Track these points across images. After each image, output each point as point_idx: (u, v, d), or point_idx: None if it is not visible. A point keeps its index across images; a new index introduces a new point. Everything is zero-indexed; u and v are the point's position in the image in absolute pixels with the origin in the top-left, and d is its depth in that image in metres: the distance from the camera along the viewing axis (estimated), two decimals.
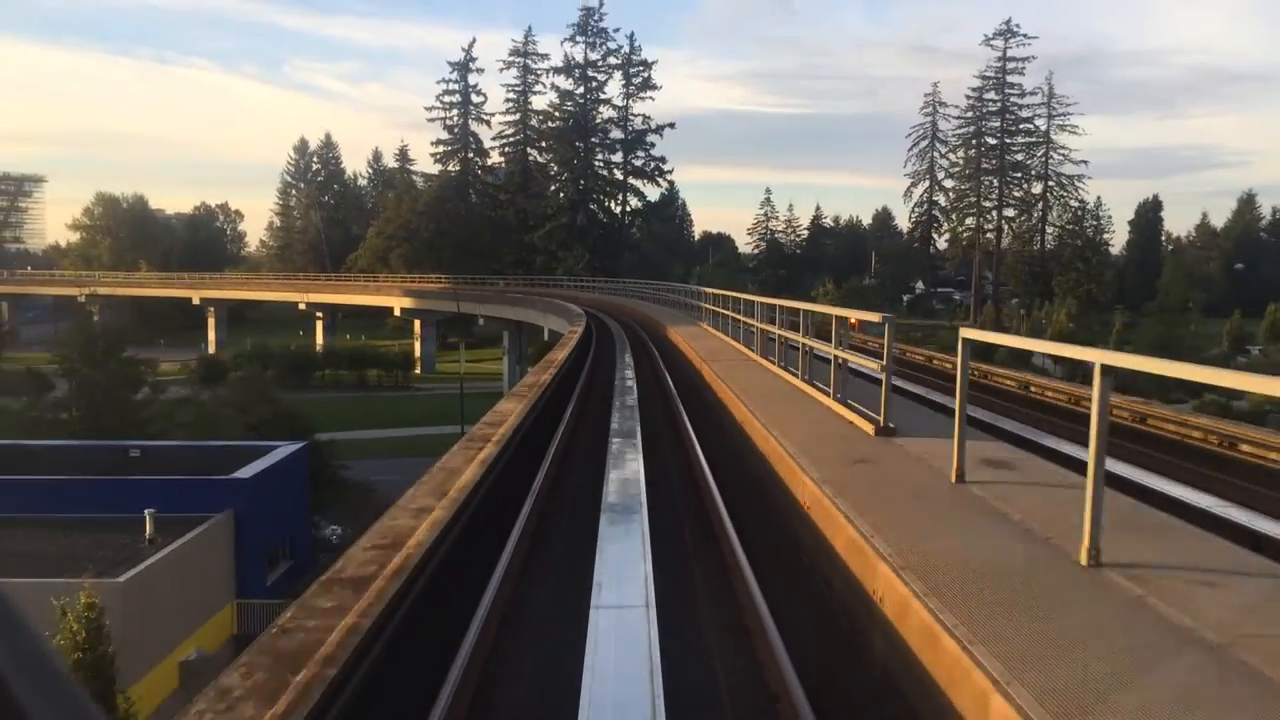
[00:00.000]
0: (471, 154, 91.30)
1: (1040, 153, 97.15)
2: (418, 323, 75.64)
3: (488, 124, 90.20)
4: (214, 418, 30.91)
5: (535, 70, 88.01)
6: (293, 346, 76.36)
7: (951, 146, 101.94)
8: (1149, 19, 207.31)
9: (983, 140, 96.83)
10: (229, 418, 30.67)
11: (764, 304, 13.70)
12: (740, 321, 16.11)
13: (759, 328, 13.59)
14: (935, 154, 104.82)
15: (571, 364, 15.93)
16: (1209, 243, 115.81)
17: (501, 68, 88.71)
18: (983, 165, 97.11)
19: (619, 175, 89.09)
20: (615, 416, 10.07)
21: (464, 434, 8.97)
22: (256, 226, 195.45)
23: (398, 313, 77.05)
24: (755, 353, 13.66)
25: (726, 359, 14.23)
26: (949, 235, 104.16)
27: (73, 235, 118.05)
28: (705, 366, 13.45)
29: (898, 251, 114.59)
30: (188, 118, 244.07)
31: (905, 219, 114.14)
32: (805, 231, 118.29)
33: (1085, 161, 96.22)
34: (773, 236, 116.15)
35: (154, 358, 45.36)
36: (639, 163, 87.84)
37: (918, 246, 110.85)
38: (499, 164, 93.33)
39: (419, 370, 73.77)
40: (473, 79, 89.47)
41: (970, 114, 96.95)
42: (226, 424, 30.27)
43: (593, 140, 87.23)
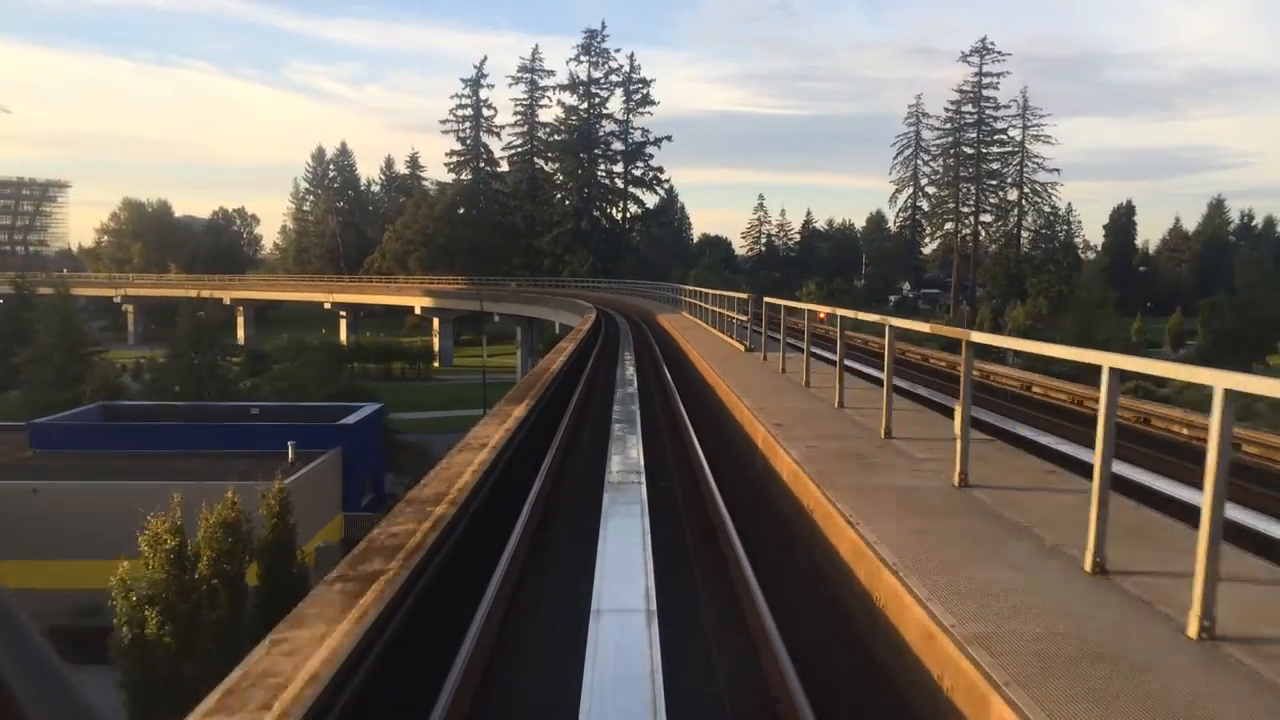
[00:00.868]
0: (483, 164, 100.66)
1: (1016, 161, 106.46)
2: (436, 320, 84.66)
3: (497, 136, 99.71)
4: (300, 388, 40.15)
5: (542, 86, 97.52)
6: (316, 344, 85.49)
7: (933, 155, 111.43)
8: (1148, 21, 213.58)
9: (960, 150, 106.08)
10: (310, 389, 39.88)
11: (713, 294, 22.78)
12: (701, 307, 25.23)
13: (708, 309, 22.69)
14: (919, 162, 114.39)
15: (591, 328, 25.12)
16: (1180, 245, 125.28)
17: (510, 83, 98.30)
18: (961, 173, 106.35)
19: (620, 184, 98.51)
20: (622, 344, 19.16)
21: (487, 412, 17.84)
22: (263, 229, 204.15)
23: (418, 311, 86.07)
24: (705, 323, 22.75)
25: (688, 327, 23.32)
26: (930, 239, 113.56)
27: (86, 238, 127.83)
28: (674, 331, 22.55)
29: (885, 254, 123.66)
30: (188, 119, 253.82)
31: (894, 222, 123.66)
32: (797, 235, 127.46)
33: (1058, 169, 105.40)
34: (769, 240, 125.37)
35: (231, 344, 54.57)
36: (638, 173, 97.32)
37: (903, 249, 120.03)
38: (507, 172, 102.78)
39: (437, 364, 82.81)
40: (483, 94, 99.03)
41: (949, 125, 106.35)
42: (309, 394, 39.43)
43: (596, 152, 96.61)
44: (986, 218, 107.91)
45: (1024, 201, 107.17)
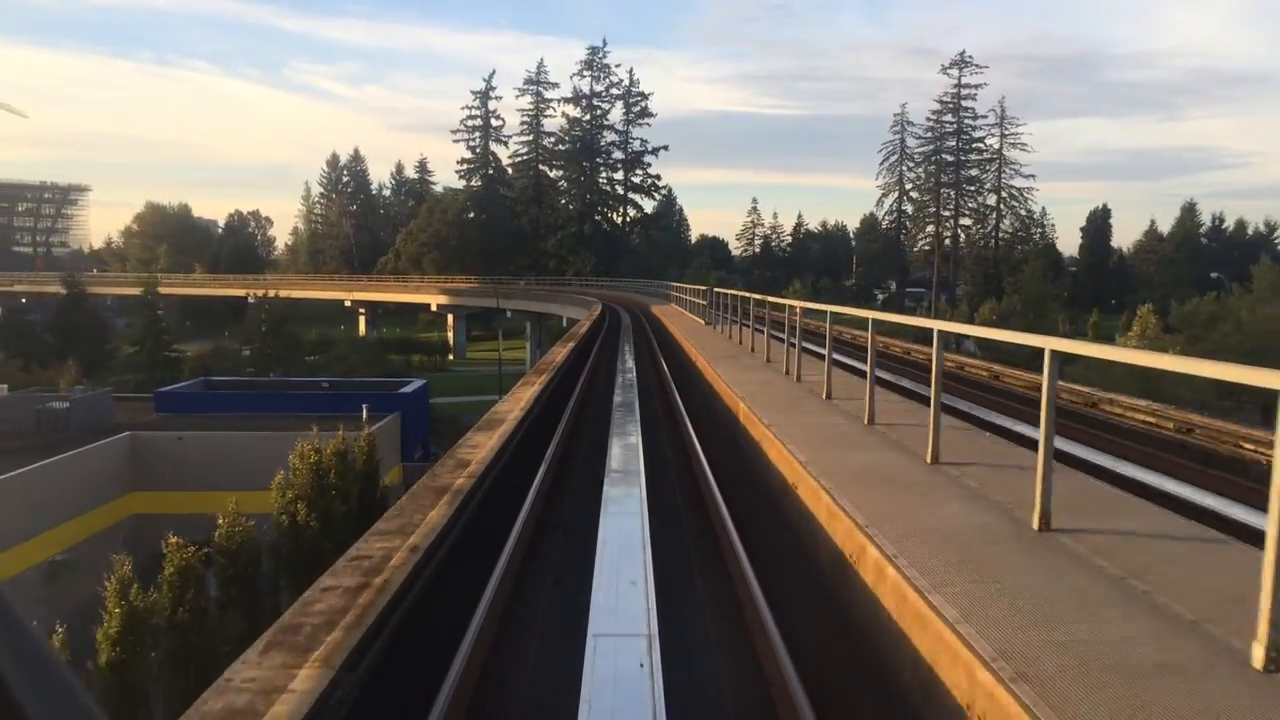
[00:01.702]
0: (491, 171, 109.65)
1: (994, 168, 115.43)
2: (450, 316, 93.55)
3: (505, 145, 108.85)
4: (354, 370, 49.24)
5: (546, 99, 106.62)
6: (342, 338, 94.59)
7: (917, 162, 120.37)
8: (1148, 22, 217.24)
9: (941, 157, 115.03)
10: (362, 371, 48.97)
11: (689, 288, 31.70)
12: (682, 299, 34.14)
13: (686, 299, 31.58)
14: (904, 168, 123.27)
15: (600, 313, 34.10)
16: (1155, 247, 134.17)
17: (517, 94, 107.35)
18: (941, 179, 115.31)
19: (620, 190, 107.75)
20: (623, 321, 28.10)
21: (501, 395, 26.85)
22: (274, 230, 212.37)
23: (434, 308, 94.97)
24: (684, 310, 31.64)
25: (671, 313, 32.21)
26: (914, 241, 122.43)
27: (97, 240, 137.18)
28: (661, 315, 31.46)
29: (874, 254, 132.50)
30: (188, 119, 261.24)
31: (882, 224, 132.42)
32: (789, 237, 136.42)
33: (1033, 175, 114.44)
34: (765, 241, 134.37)
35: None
36: (637, 179, 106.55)
37: (890, 250, 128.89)
38: (514, 178, 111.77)
39: (451, 357, 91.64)
40: (491, 105, 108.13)
41: (930, 134, 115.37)
42: (362, 374, 48.46)
43: (597, 160, 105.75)
44: (966, 221, 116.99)
45: (1002, 205, 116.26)
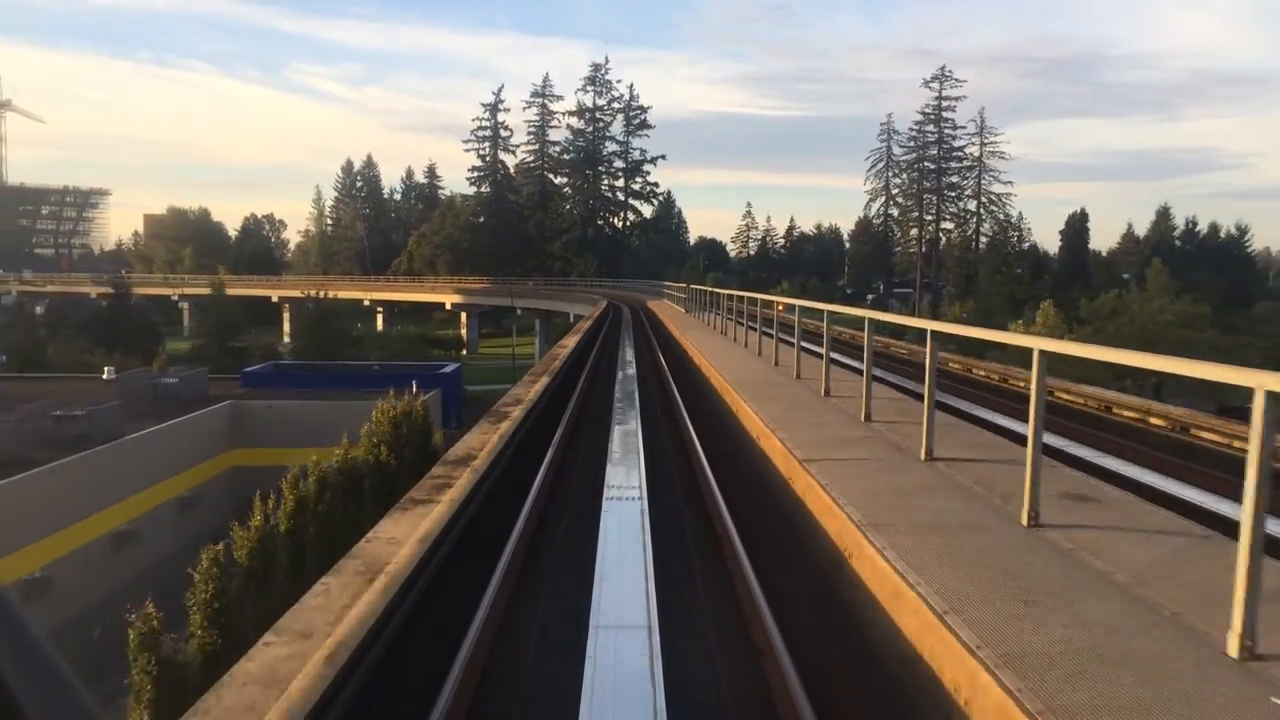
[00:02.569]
0: (500, 178, 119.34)
1: (974, 175, 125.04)
2: (464, 314, 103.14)
3: (513, 153, 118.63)
4: (396, 356, 58.91)
5: (552, 111, 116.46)
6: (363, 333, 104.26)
7: (902, 168, 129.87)
8: (1148, 22, 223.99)
9: (924, 165, 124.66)
10: (403, 356, 58.66)
11: (676, 286, 41.31)
12: (672, 294, 43.74)
13: (675, 295, 41.18)
14: (890, 174, 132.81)
15: (605, 308, 43.75)
16: (1132, 249, 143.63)
17: (524, 106, 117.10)
18: (924, 185, 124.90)
19: (621, 197, 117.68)
20: (624, 314, 37.76)
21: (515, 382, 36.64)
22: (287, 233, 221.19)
23: (449, 307, 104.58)
24: (673, 304, 41.25)
25: (663, 307, 41.81)
26: (899, 243, 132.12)
27: (109, 242, 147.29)
28: (655, 309, 41.08)
29: (864, 256, 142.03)
30: (189, 120, 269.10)
31: (872, 226, 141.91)
32: (782, 240, 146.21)
33: (1011, 182, 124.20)
34: (761, 242, 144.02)
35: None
36: (637, 187, 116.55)
37: (879, 252, 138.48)
38: (521, 185, 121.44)
39: (465, 352, 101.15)
40: (500, 117, 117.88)
41: (913, 143, 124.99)
42: (404, 359, 58.15)
43: (600, 169, 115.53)
44: (948, 225, 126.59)
45: (981, 210, 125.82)
